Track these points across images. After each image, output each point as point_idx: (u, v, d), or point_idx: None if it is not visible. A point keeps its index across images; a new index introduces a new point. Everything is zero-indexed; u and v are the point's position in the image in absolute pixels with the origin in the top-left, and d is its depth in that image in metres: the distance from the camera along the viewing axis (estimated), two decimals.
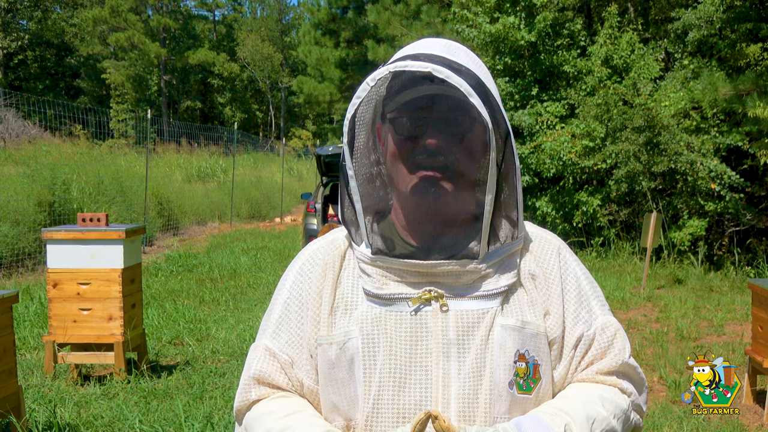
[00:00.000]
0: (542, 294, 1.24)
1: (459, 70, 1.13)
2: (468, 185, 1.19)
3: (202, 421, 4.12)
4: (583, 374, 1.25)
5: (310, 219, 11.22)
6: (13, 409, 3.79)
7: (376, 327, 1.19)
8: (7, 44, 34.50)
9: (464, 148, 1.17)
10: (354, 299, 1.24)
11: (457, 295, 1.19)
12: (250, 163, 25.27)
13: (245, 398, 1.28)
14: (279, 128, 50.33)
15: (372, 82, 1.16)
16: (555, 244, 1.31)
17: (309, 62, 31.62)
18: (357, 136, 1.22)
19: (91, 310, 5.04)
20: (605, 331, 1.26)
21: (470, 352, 1.17)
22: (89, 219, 5.18)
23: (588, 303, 1.28)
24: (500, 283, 1.20)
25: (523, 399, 1.18)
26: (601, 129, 10.95)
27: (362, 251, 1.23)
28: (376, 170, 1.28)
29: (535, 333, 1.20)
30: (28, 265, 9.70)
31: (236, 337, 6.30)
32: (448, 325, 1.18)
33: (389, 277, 1.21)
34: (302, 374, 1.26)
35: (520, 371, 1.18)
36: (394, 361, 1.17)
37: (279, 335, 1.28)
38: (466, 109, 1.14)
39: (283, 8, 56.44)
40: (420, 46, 1.23)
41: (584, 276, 1.31)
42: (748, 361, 4.79)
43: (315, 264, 1.29)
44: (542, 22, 11.67)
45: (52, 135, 15.40)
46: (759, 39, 10.63)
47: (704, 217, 10.45)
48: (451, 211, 1.20)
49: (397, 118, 1.19)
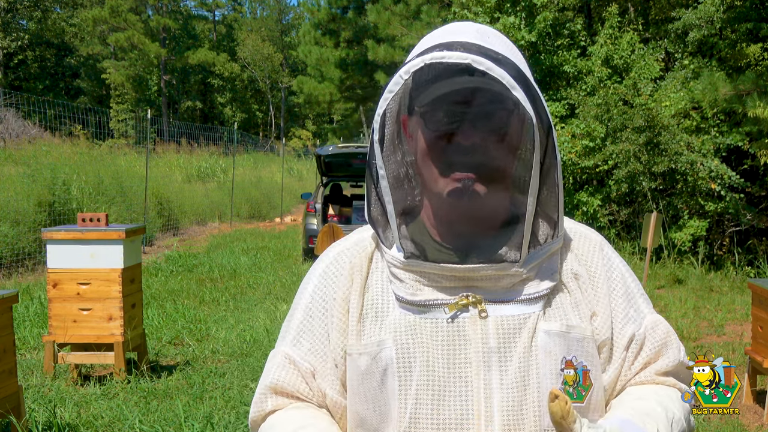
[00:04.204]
0: (587, 294, 1.16)
1: (498, 60, 1.04)
2: (507, 185, 1.10)
3: (202, 421, 4.12)
4: (641, 376, 1.19)
5: (310, 219, 11.22)
6: (13, 409, 3.78)
7: (411, 336, 1.11)
8: (7, 44, 34.49)
9: (504, 145, 1.08)
10: (385, 305, 1.15)
11: (496, 300, 1.11)
12: (250, 163, 25.26)
13: (260, 408, 1.21)
14: (279, 128, 50.34)
15: (406, 75, 1.07)
16: (596, 240, 1.23)
17: (309, 62, 31.59)
18: (388, 132, 1.13)
19: (91, 310, 5.04)
20: (656, 329, 1.20)
21: (513, 361, 1.09)
22: (89, 219, 5.17)
23: (635, 301, 1.21)
24: (542, 286, 1.12)
25: (575, 408, 1.09)
26: (601, 129, 10.95)
27: (393, 255, 1.14)
28: (403, 167, 1.17)
29: (582, 337, 1.12)
30: (28, 265, 9.70)
31: (236, 337, 6.30)
32: (487, 332, 1.09)
33: (423, 282, 1.12)
34: (325, 384, 1.18)
35: (568, 379, 1.10)
36: (432, 373, 1.09)
37: (300, 342, 1.20)
38: (506, 103, 1.04)
39: (283, 8, 56.47)
40: (451, 32, 1.13)
41: (628, 273, 1.23)
42: (748, 361, 4.79)
43: (341, 267, 1.21)
44: (542, 22, 11.68)
45: (52, 135, 15.40)
46: (759, 39, 10.63)
47: (704, 218, 10.44)
48: (488, 213, 1.11)
49: (430, 113, 1.08)
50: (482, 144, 1.06)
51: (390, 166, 1.14)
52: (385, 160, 1.13)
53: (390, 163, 1.14)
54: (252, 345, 6.04)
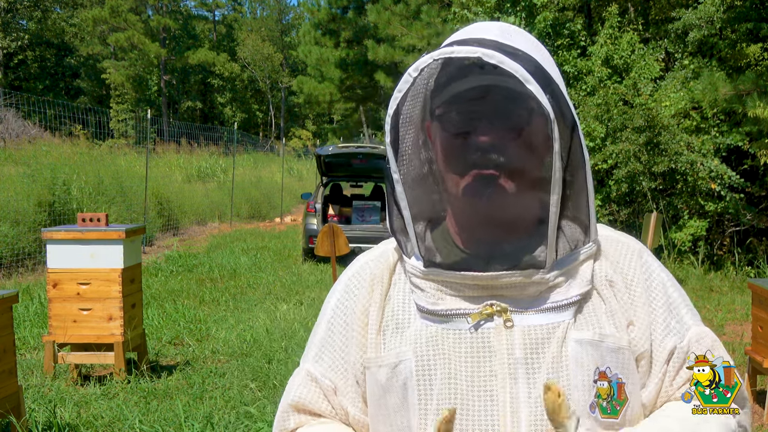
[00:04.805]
0: (623, 303, 1.09)
1: (514, 54, 0.99)
2: (530, 185, 1.04)
3: (202, 421, 4.12)
4: (680, 392, 1.11)
5: (310, 219, 11.23)
6: (13, 409, 3.78)
7: (432, 347, 1.06)
8: (7, 44, 34.50)
9: (523, 143, 1.02)
10: (406, 317, 1.10)
11: (522, 309, 1.05)
12: (250, 163, 25.27)
13: (283, 426, 1.17)
14: (279, 128, 50.34)
15: (415, 73, 1.02)
16: (635, 247, 1.16)
17: (309, 62, 31.61)
18: (404, 135, 1.08)
19: (91, 310, 5.04)
20: (701, 342, 1.11)
21: (541, 373, 1.02)
22: (89, 219, 5.18)
23: (678, 312, 1.13)
24: (571, 292, 1.06)
25: (608, 424, 1.03)
26: (601, 129, 10.95)
27: (413, 264, 1.09)
28: (427, 172, 1.12)
29: (617, 347, 1.05)
30: (28, 265, 9.70)
31: (236, 337, 6.30)
32: (513, 342, 1.03)
33: (445, 292, 1.07)
34: (347, 402, 1.14)
35: (602, 392, 1.03)
36: (454, 386, 1.04)
37: (322, 359, 1.17)
38: (524, 99, 0.99)
39: (283, 8, 56.50)
40: (471, 31, 1.09)
41: (671, 282, 1.15)
42: (748, 361, 4.79)
43: (362, 279, 1.16)
44: (542, 22, 11.68)
45: (52, 135, 15.40)
46: (759, 39, 10.63)
47: (704, 218, 10.44)
48: (511, 215, 1.05)
49: (445, 114, 1.05)
50: (501, 142, 1.02)
51: (411, 172, 1.10)
52: (403, 165, 1.08)
53: (411, 168, 1.10)
54: (252, 345, 6.04)
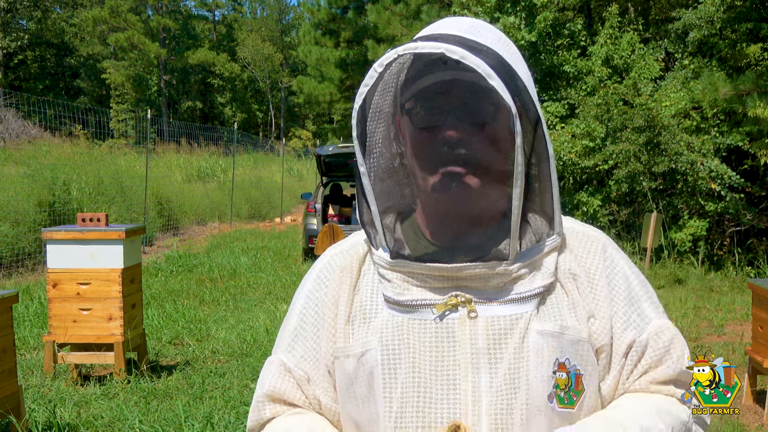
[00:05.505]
0: (585, 296, 1.11)
1: (478, 50, 1.00)
2: (495, 179, 1.06)
3: (202, 421, 4.12)
4: (636, 384, 1.13)
5: (310, 219, 11.24)
6: (12, 409, 3.79)
7: (398, 337, 1.08)
8: (7, 44, 34.51)
9: (487, 137, 1.04)
10: (373, 307, 1.13)
11: (486, 300, 1.07)
12: (250, 163, 25.28)
13: (259, 417, 1.20)
14: (279, 128, 50.35)
15: (380, 68, 1.03)
16: (600, 240, 1.18)
17: (309, 62, 31.60)
18: (373, 129, 1.10)
19: (91, 310, 5.04)
20: (660, 336, 1.13)
21: (503, 363, 1.05)
22: (89, 219, 5.18)
23: (639, 305, 1.15)
24: (535, 284, 1.08)
25: (565, 413, 1.06)
26: (601, 129, 10.95)
27: (381, 255, 1.12)
28: (398, 166, 1.15)
29: (577, 339, 1.07)
30: (28, 265, 9.71)
31: (236, 337, 6.30)
32: (477, 332, 1.06)
33: (411, 283, 1.09)
34: (319, 391, 1.17)
35: (560, 382, 1.05)
36: (418, 375, 1.06)
37: (294, 349, 1.19)
38: (487, 94, 1.00)
39: (283, 8, 56.51)
40: (440, 25, 1.11)
41: (634, 275, 1.18)
42: (748, 361, 4.79)
43: (332, 271, 1.19)
44: (542, 22, 11.68)
45: (52, 135, 15.41)
46: (759, 39, 10.62)
47: (705, 218, 10.44)
48: (476, 209, 1.07)
49: (413, 108, 1.07)
50: (467, 136, 1.04)
51: (380, 165, 1.12)
52: (372, 159, 1.10)
53: (381, 161, 1.12)
54: (252, 345, 6.04)
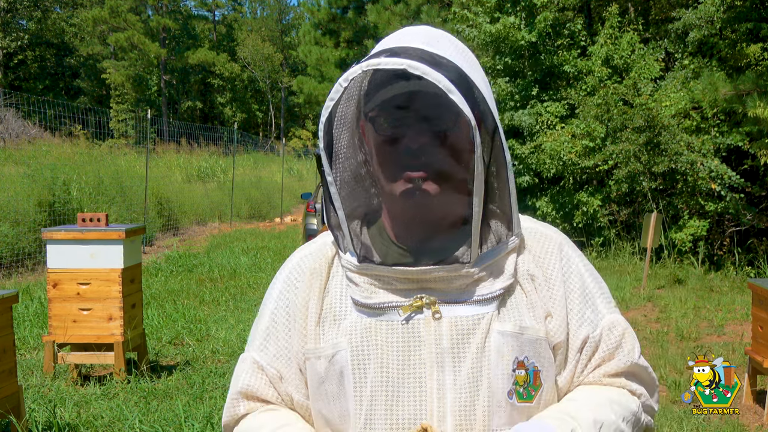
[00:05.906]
0: (543, 295, 1.17)
1: (438, 64, 1.05)
2: (456, 186, 1.11)
3: (202, 421, 4.12)
4: (591, 377, 1.20)
5: (310, 219, 11.23)
6: (13, 409, 3.79)
7: (366, 338, 1.13)
8: (7, 44, 34.51)
9: (448, 147, 1.09)
10: (342, 309, 1.17)
11: (450, 301, 1.12)
12: (250, 163, 25.28)
13: (233, 413, 1.25)
14: (279, 128, 50.35)
15: (345, 83, 1.08)
16: (556, 240, 1.23)
17: (309, 62, 31.65)
18: (338, 137, 1.15)
19: (91, 310, 5.04)
20: (612, 331, 1.19)
21: (466, 361, 1.10)
22: (89, 219, 5.18)
23: (593, 302, 1.20)
24: (495, 286, 1.13)
25: (524, 408, 1.12)
26: (601, 129, 10.96)
27: (348, 259, 1.16)
28: (363, 171, 1.20)
29: (535, 338, 1.14)
30: (28, 265, 9.71)
31: (236, 337, 6.30)
32: (441, 333, 1.11)
33: (377, 285, 1.14)
34: (291, 389, 1.22)
35: (519, 379, 1.11)
36: (386, 374, 1.11)
37: (267, 348, 1.23)
38: (448, 106, 1.04)
39: (283, 8, 56.48)
40: (399, 38, 1.15)
41: (588, 273, 1.23)
42: (748, 361, 4.79)
43: (301, 272, 1.23)
44: (542, 22, 11.68)
45: (52, 135, 15.41)
46: (759, 39, 10.62)
47: (705, 218, 10.44)
48: (438, 215, 1.13)
49: (377, 118, 1.11)
50: (429, 146, 1.08)
51: (346, 171, 1.17)
52: (338, 166, 1.15)
53: (347, 168, 1.17)
54: None
